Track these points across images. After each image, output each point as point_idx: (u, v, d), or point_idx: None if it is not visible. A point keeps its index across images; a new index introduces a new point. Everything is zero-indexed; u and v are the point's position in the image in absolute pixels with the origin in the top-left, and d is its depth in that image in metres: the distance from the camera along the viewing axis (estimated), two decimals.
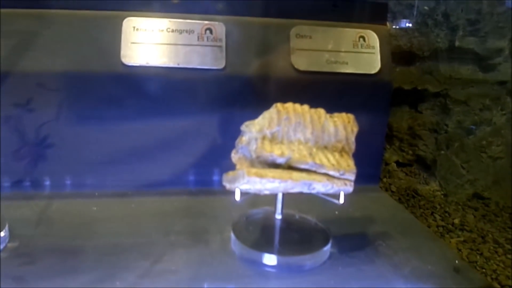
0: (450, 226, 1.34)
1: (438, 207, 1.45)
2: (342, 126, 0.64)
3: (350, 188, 0.61)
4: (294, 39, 0.85)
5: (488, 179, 1.51)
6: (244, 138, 0.64)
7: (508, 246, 1.25)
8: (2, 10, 0.73)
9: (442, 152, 1.53)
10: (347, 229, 0.72)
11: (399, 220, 0.80)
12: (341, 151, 0.64)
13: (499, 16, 1.45)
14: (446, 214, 1.41)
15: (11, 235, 0.65)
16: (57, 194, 0.80)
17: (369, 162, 0.84)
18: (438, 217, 1.38)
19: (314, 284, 0.57)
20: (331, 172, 0.60)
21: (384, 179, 1.53)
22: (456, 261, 0.66)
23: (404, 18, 1.54)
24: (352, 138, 0.65)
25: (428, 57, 1.54)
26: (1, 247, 0.62)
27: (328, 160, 0.61)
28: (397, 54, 1.49)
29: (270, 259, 0.61)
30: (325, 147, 0.63)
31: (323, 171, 0.60)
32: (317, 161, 0.60)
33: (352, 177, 0.61)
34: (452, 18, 1.48)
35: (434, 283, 0.59)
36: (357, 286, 0.57)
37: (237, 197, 0.60)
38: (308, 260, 0.61)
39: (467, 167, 1.52)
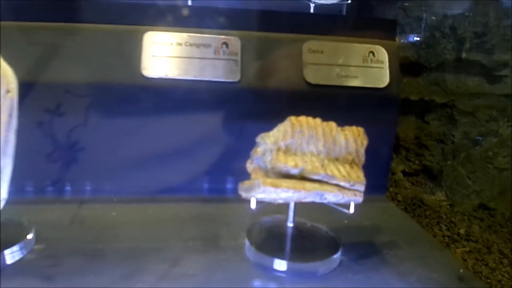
0: (455, 236, 1.36)
1: (444, 217, 1.46)
2: (352, 139, 0.68)
3: (359, 198, 0.65)
4: (307, 53, 0.88)
5: (494, 190, 1.52)
6: (259, 149, 0.67)
7: None
8: (32, 23, 0.78)
9: (449, 162, 1.54)
10: (356, 238, 0.75)
11: (405, 230, 0.83)
12: (352, 163, 0.67)
13: (506, 29, 1.48)
14: (452, 224, 1.42)
15: (37, 238, 0.68)
16: (77, 199, 0.84)
17: (377, 173, 0.87)
18: (444, 227, 1.39)
19: None
20: (342, 183, 0.64)
21: (391, 188, 1.54)
22: (461, 270, 0.69)
23: (411, 30, 1.57)
24: (362, 151, 0.68)
25: (435, 68, 1.56)
26: (29, 249, 0.66)
27: (339, 171, 0.65)
28: (405, 65, 1.52)
29: (282, 265, 0.64)
30: (336, 159, 0.66)
31: (334, 182, 0.64)
32: (329, 173, 0.64)
33: (361, 188, 0.64)
34: (459, 31, 1.50)
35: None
36: None
37: (253, 205, 0.64)
38: (319, 267, 0.65)
39: (473, 178, 1.53)
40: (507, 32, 1.48)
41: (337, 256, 0.67)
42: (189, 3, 0.94)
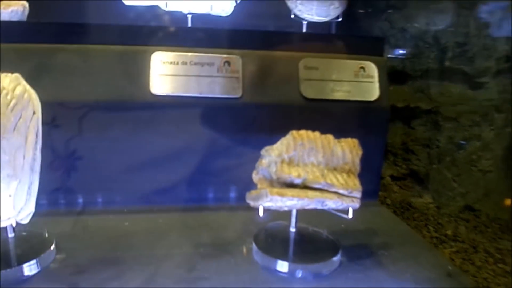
0: (443, 237, 1.43)
1: (432, 219, 1.53)
2: (348, 150, 0.75)
3: (357, 204, 0.72)
4: (303, 70, 0.96)
5: (478, 191, 1.59)
6: (264, 161, 0.74)
7: (499, 256, 1.34)
8: (49, 45, 0.84)
9: (435, 166, 1.62)
10: (353, 240, 0.83)
11: (397, 232, 0.91)
12: (348, 172, 0.75)
13: (485, 38, 1.57)
14: (439, 226, 1.49)
15: (57, 248, 0.74)
16: (89, 211, 0.89)
17: (369, 179, 0.94)
18: (432, 229, 1.46)
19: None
20: (341, 191, 0.71)
21: (380, 193, 1.60)
22: (449, 267, 0.77)
23: (397, 40, 1.65)
24: (357, 161, 0.76)
25: (420, 76, 1.64)
26: (52, 259, 0.72)
27: (338, 180, 0.72)
28: (391, 74, 1.60)
29: (288, 267, 0.72)
30: (335, 169, 0.74)
31: (334, 190, 0.71)
32: (329, 181, 0.71)
33: (358, 195, 0.72)
34: (442, 41, 1.59)
35: (430, 286, 0.70)
36: None
37: (261, 213, 0.71)
38: (322, 267, 0.72)
39: (459, 181, 1.61)
40: (487, 41, 1.57)
41: (337, 257, 0.75)
42: (189, 25, 1.01)
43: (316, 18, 1.04)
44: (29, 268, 0.67)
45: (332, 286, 0.69)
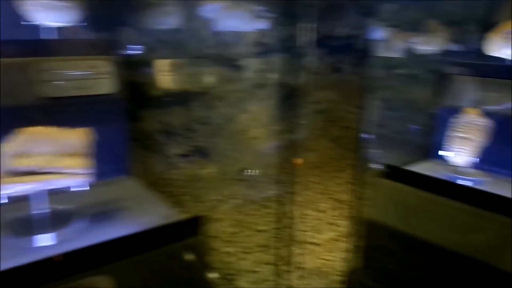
0: (222, 198, 1.77)
1: (215, 186, 1.85)
2: (81, 137, 0.96)
3: (89, 180, 0.94)
4: (42, 73, 1.10)
5: (250, 155, 1.99)
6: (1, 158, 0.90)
7: (266, 203, 1.75)
8: None
9: (214, 139, 1.95)
10: (97, 209, 1.04)
11: (140, 198, 1.13)
12: (80, 155, 0.95)
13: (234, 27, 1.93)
14: (221, 190, 1.83)
15: None
16: None
17: (116, 159, 1.17)
18: (215, 193, 1.79)
19: (79, 243, 0.88)
20: (73, 171, 0.92)
21: (169, 171, 1.85)
22: (169, 212, 1.05)
23: (150, 36, 1.87)
24: (89, 145, 0.96)
25: (187, 64, 1.93)
26: None
27: (71, 163, 0.92)
28: (153, 65, 1.84)
29: (43, 239, 0.90)
30: (67, 155, 0.94)
31: (66, 171, 0.91)
32: (61, 165, 0.91)
33: (88, 172, 0.93)
34: (199, 32, 1.90)
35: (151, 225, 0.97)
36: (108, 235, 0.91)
37: (4, 200, 0.86)
38: (70, 233, 0.92)
39: (234, 149, 1.97)
40: (236, 31, 1.93)
41: (82, 223, 0.96)
42: None
43: (54, 24, 1.17)
44: None
45: (80, 243, 0.89)
